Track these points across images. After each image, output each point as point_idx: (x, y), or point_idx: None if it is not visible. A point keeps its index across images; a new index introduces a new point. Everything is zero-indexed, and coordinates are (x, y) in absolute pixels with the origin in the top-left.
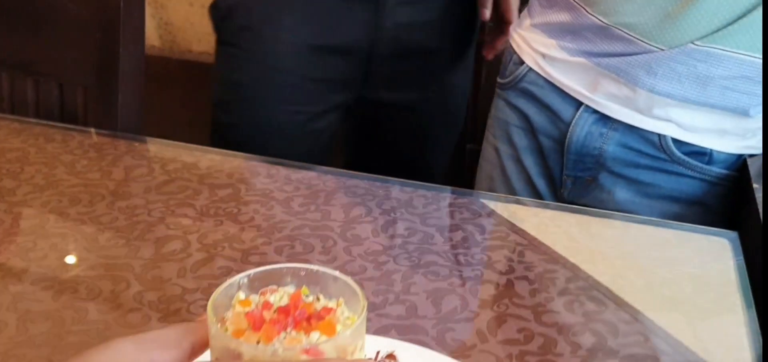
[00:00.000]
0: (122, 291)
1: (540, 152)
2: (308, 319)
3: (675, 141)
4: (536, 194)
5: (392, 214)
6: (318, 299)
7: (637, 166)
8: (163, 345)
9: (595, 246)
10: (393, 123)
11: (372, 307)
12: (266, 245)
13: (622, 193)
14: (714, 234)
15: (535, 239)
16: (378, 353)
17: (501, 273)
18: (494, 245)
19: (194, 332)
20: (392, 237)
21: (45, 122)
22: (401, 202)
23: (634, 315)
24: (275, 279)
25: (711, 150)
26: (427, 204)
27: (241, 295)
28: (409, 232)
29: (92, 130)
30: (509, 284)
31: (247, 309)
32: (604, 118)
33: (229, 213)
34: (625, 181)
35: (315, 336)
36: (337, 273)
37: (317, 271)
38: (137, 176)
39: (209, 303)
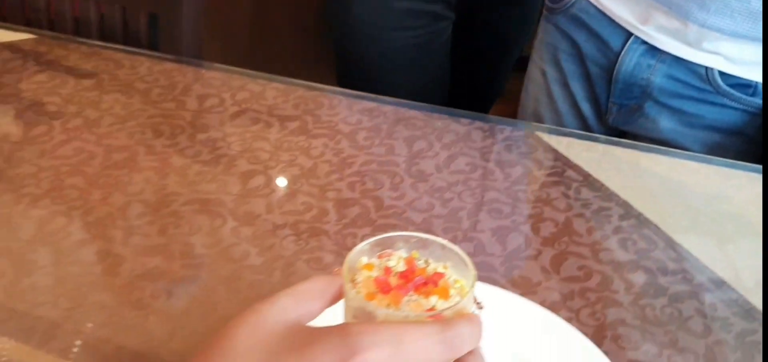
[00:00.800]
0: (219, 226)
1: (587, 78)
2: (426, 284)
3: (721, 73)
4: (581, 118)
5: (452, 149)
6: (427, 263)
7: (682, 96)
8: (313, 297)
9: (644, 183)
10: (476, 40)
11: None
12: (339, 181)
13: (666, 122)
14: (755, 170)
15: (589, 175)
16: None
17: (559, 210)
18: (551, 181)
19: (333, 284)
20: (455, 172)
21: (112, 46)
22: (460, 136)
23: (681, 253)
24: (390, 244)
25: (756, 83)
26: (485, 138)
27: (364, 260)
28: (470, 168)
29: (160, 55)
30: (568, 222)
31: (372, 272)
32: (653, 50)
33: (302, 147)
34: (669, 111)
35: (433, 299)
36: (444, 241)
37: (426, 239)
38: (210, 107)
39: (344, 269)
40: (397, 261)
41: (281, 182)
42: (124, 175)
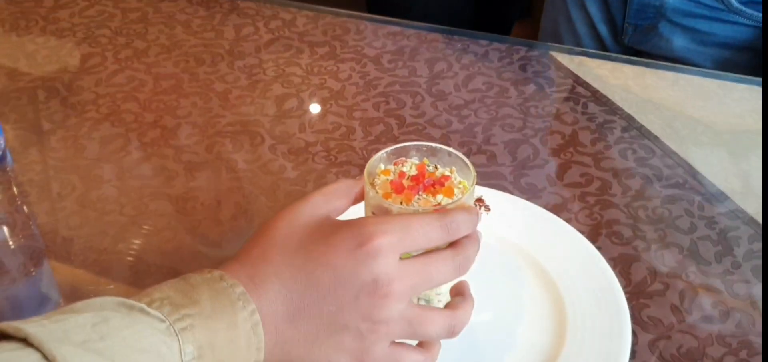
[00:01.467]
0: (259, 144)
1: (604, 0)
2: (433, 185)
3: None
4: (598, 39)
5: (471, 69)
6: (436, 168)
7: (695, 15)
8: (339, 196)
9: (648, 97)
10: None
11: None
12: (365, 102)
13: (679, 41)
14: (754, 83)
15: (597, 91)
16: None
17: (567, 124)
18: (561, 97)
19: (356, 185)
20: (472, 91)
21: None
22: (478, 57)
23: (677, 161)
24: (405, 153)
25: None
26: (501, 58)
27: (382, 166)
28: (486, 87)
29: None
30: (574, 134)
31: (389, 177)
32: None
33: (330, 71)
34: (682, 30)
35: (440, 197)
36: (450, 149)
37: (435, 148)
38: (246, 35)
39: (365, 173)
40: (410, 167)
41: (312, 104)
42: (173, 100)
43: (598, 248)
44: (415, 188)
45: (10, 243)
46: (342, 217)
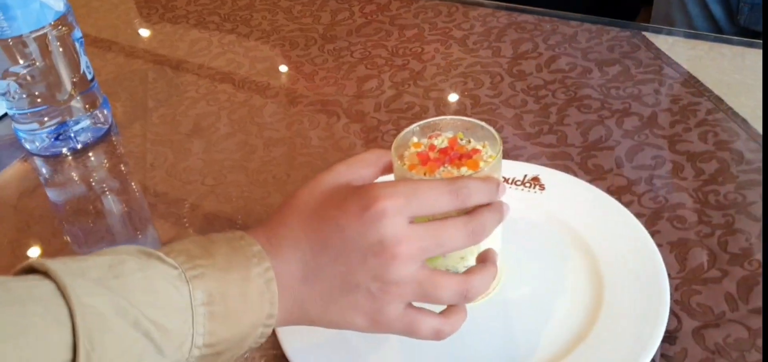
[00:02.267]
0: (334, 123)
1: None
2: (460, 158)
3: None
4: (712, 20)
5: (556, 49)
6: (469, 142)
7: None
8: (365, 165)
9: (743, 78)
10: None
11: (527, 136)
12: (443, 82)
13: None
14: None
15: (686, 72)
16: (526, 176)
17: (647, 105)
18: (647, 78)
19: (384, 156)
20: (554, 72)
21: None
22: (566, 37)
23: (762, 145)
24: (439, 127)
25: None
26: (590, 38)
27: (415, 139)
28: (569, 67)
29: None
30: (653, 116)
31: (419, 149)
32: None
33: (414, 52)
34: None
35: (464, 170)
36: (482, 123)
37: (468, 121)
38: (340, 20)
39: (393, 145)
40: (442, 140)
41: (391, 84)
42: (264, 81)
43: (657, 232)
44: (440, 160)
45: (114, 208)
46: None
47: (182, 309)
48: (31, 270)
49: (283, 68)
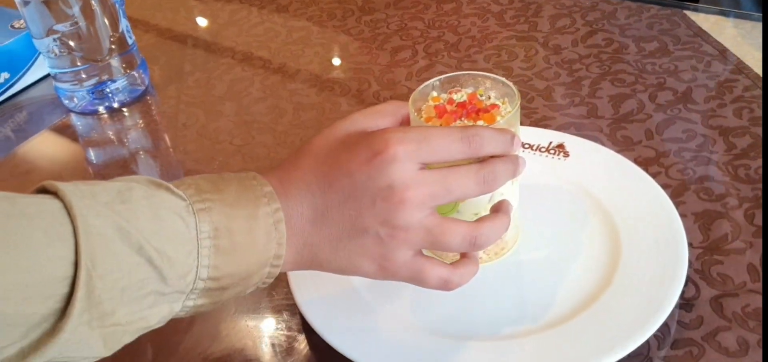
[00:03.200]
0: (365, 89)
1: None
2: (477, 112)
3: None
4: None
5: (594, 25)
6: (489, 98)
7: None
8: (382, 115)
9: None
10: None
11: (557, 108)
12: (477, 54)
13: None
14: None
15: (726, 50)
16: (550, 143)
17: (683, 81)
18: (684, 55)
19: (402, 107)
20: (590, 47)
21: None
22: (605, 14)
23: (762, 143)
24: (460, 82)
25: None
26: (629, 16)
27: (434, 93)
28: (606, 42)
29: None
30: (687, 91)
31: (437, 103)
32: None
33: (451, 25)
34: None
35: (480, 123)
36: (503, 79)
37: (489, 76)
38: None
39: (411, 97)
40: (461, 95)
41: (424, 55)
42: (299, 49)
43: (682, 202)
44: (457, 114)
45: (147, 165)
46: None
47: (188, 240)
48: (44, 191)
49: (319, 37)
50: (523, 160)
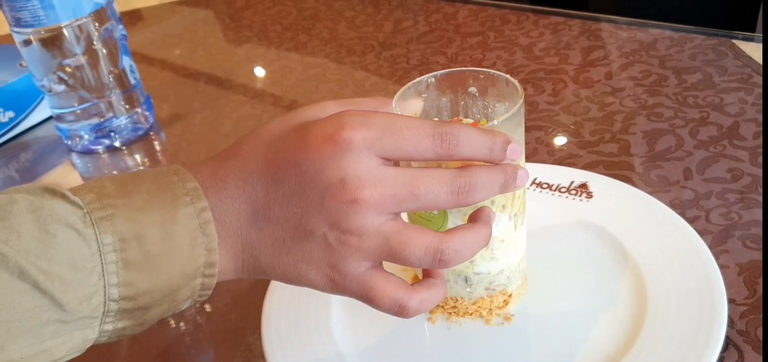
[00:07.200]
0: None
1: None
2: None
3: None
4: None
5: (630, 57)
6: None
7: None
8: (362, 108)
9: None
10: None
11: (585, 145)
12: None
13: None
14: None
15: None
16: (572, 182)
17: (729, 115)
18: (730, 87)
19: (387, 104)
20: (625, 79)
21: None
22: (643, 45)
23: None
24: (458, 81)
25: None
26: (670, 46)
27: (424, 96)
28: (643, 75)
29: None
30: (734, 126)
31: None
32: None
33: (475, 59)
34: None
35: (467, 121)
36: (507, 76)
37: (493, 75)
38: (403, 28)
39: (396, 95)
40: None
41: None
42: (313, 86)
43: (724, 251)
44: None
45: None
46: None
47: (87, 256)
48: None
49: (335, 74)
50: (525, 173)
